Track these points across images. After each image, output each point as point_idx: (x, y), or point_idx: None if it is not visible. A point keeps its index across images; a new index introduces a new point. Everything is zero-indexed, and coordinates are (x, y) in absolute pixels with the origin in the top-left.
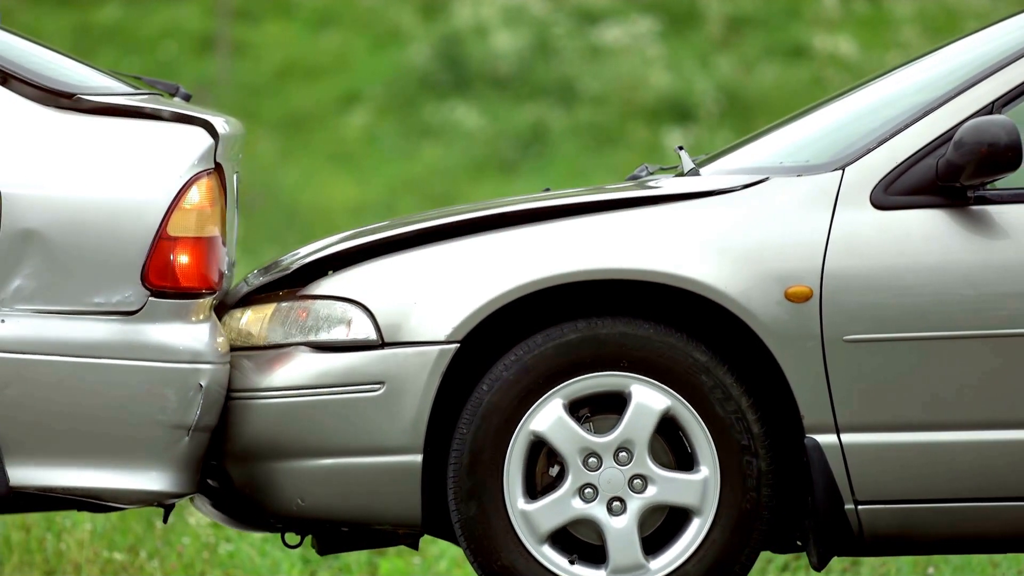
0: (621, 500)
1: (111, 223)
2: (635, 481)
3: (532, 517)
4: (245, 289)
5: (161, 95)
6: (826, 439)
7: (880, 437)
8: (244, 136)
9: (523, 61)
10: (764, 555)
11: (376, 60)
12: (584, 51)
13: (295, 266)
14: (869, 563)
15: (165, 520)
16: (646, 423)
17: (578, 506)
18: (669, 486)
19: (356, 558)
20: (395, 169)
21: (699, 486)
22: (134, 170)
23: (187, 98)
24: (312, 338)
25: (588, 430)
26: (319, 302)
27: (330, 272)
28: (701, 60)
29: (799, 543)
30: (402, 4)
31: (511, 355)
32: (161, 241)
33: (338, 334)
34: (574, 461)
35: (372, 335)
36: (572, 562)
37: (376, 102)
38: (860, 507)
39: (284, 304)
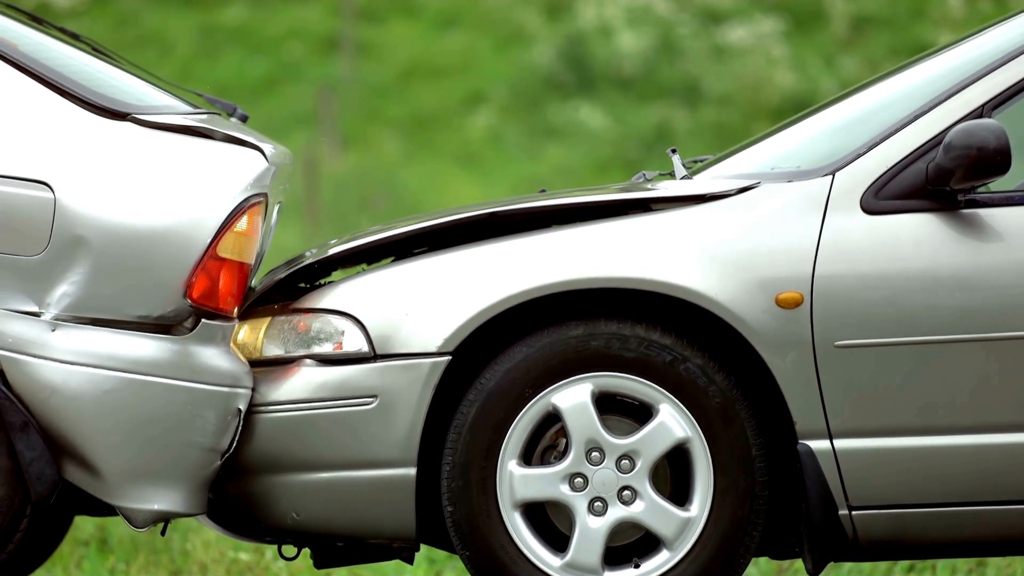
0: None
1: (161, 238)
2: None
3: (574, 566)
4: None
5: (220, 115)
6: (819, 445)
7: (873, 442)
8: (292, 166)
9: (647, 61)
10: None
11: (500, 60)
12: (708, 51)
13: (284, 276)
14: (995, 563)
15: (163, 532)
16: (584, 413)
17: (592, 522)
18: (644, 443)
19: None
20: (519, 169)
21: (671, 421)
22: (188, 187)
23: (244, 119)
24: (306, 352)
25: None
26: (312, 315)
27: (322, 284)
28: (826, 60)
29: (796, 549)
30: (526, 4)
31: (446, 457)
32: (209, 260)
33: (331, 347)
34: (570, 497)
35: (364, 348)
36: (637, 565)
37: (500, 102)
38: (854, 513)
39: (279, 318)
